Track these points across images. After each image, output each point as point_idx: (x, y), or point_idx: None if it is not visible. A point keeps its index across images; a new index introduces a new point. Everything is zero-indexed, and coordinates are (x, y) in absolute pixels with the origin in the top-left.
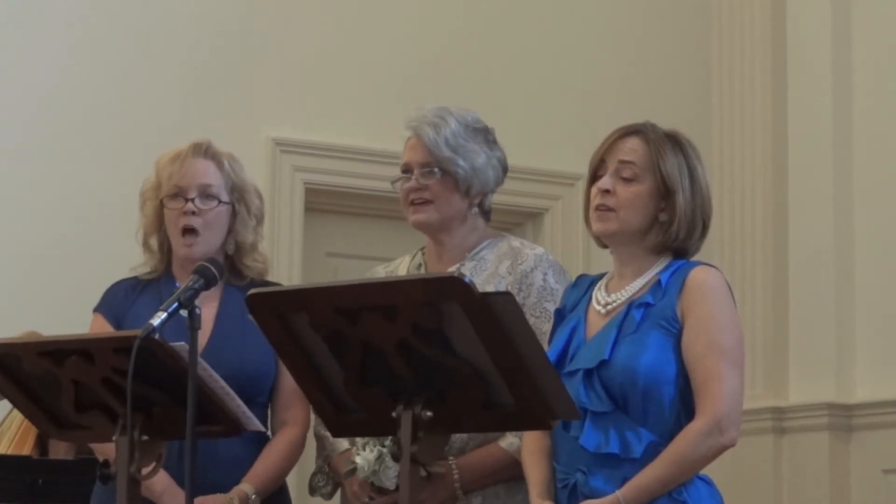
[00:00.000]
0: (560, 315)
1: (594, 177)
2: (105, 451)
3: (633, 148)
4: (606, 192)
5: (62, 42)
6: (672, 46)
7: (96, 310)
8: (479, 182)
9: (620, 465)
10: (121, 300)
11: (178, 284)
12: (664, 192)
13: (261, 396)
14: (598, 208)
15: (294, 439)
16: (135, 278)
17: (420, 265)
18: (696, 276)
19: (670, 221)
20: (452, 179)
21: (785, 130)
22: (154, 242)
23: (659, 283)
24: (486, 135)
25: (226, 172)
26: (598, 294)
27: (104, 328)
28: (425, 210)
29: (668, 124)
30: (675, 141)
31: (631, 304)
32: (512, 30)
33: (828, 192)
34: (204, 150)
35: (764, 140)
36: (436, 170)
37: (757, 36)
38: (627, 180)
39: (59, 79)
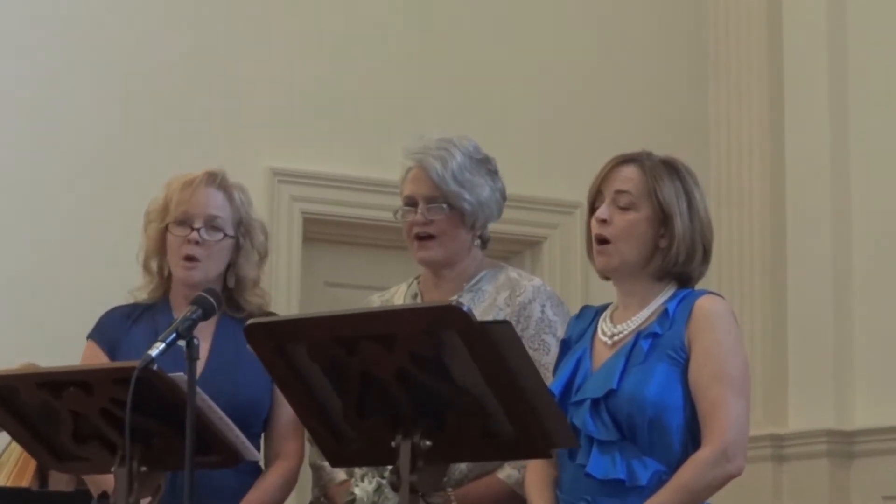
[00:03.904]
0: (566, 346)
1: (593, 208)
2: (98, 484)
3: (628, 176)
4: (603, 221)
5: (59, 70)
6: (669, 76)
7: (90, 336)
8: (483, 215)
9: (626, 495)
10: (116, 327)
11: (174, 314)
12: (662, 218)
13: (254, 427)
14: (597, 240)
15: (288, 472)
16: (131, 305)
17: (416, 294)
18: (703, 304)
19: (669, 246)
20: (459, 214)
21: (782, 159)
22: (154, 265)
23: (666, 312)
24: (487, 165)
25: (235, 206)
26: (604, 325)
27: (97, 355)
28: (431, 247)
29: (665, 152)
30: (671, 167)
31: (639, 335)
32: (509, 59)
33: (825, 219)
34: (217, 181)
35: (762, 168)
36: (444, 205)
37: (754, 65)
38: (624, 209)
39: (58, 108)
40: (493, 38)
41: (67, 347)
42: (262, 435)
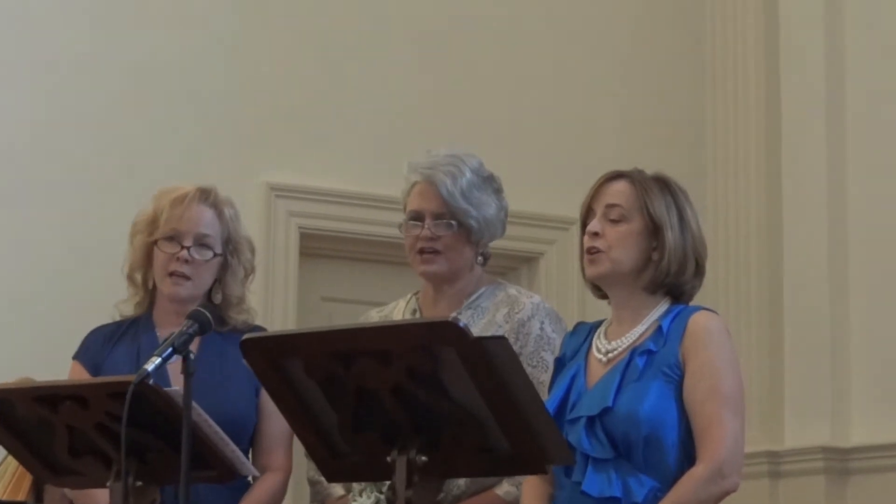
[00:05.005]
0: (560, 363)
1: (585, 226)
2: (84, 500)
3: (619, 190)
4: (595, 234)
5: (60, 85)
6: (667, 91)
7: (75, 357)
8: (489, 233)
9: None
10: (98, 348)
11: (158, 331)
12: (653, 229)
13: (242, 443)
14: (588, 251)
15: (276, 485)
16: (115, 323)
17: (415, 310)
18: (697, 321)
19: (661, 258)
20: (466, 231)
21: (779, 178)
22: (138, 277)
23: (660, 329)
24: (493, 184)
25: (224, 223)
26: (598, 342)
27: (82, 376)
28: (436, 261)
29: (662, 168)
30: (662, 183)
31: (633, 352)
32: (506, 74)
33: (822, 237)
34: (210, 199)
35: (758, 185)
36: (453, 222)
37: (751, 81)
38: (615, 221)
39: (55, 123)
40: (490, 55)
41: (63, 362)
42: (250, 451)
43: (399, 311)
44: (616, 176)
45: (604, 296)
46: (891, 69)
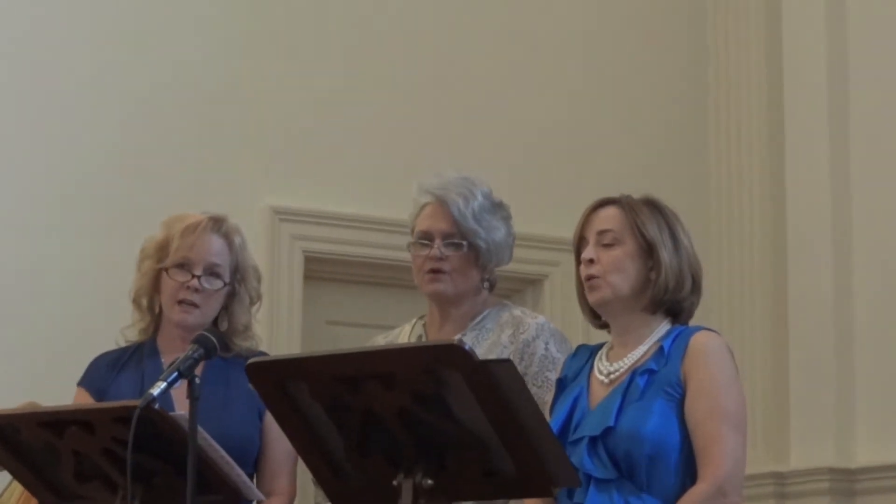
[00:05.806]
0: (561, 385)
1: (579, 254)
2: None
3: (609, 216)
4: (591, 261)
5: (59, 109)
6: (670, 109)
7: (80, 383)
8: (496, 257)
9: None
10: (103, 375)
11: (162, 357)
12: (647, 249)
13: (246, 467)
14: (587, 279)
15: None
16: (119, 350)
17: (421, 335)
18: (698, 340)
19: (658, 275)
20: (475, 253)
21: (783, 199)
22: (145, 302)
23: (661, 349)
24: (501, 211)
25: (234, 252)
26: (600, 364)
27: (87, 402)
28: (443, 280)
29: (665, 189)
30: (651, 205)
31: (634, 372)
32: (510, 97)
33: (827, 257)
34: (222, 228)
35: (762, 207)
36: (462, 242)
37: (754, 99)
38: (608, 246)
39: (58, 147)
40: (493, 75)
41: (69, 388)
42: (255, 476)
43: (405, 335)
44: (604, 203)
45: (603, 325)
46: (894, 76)
